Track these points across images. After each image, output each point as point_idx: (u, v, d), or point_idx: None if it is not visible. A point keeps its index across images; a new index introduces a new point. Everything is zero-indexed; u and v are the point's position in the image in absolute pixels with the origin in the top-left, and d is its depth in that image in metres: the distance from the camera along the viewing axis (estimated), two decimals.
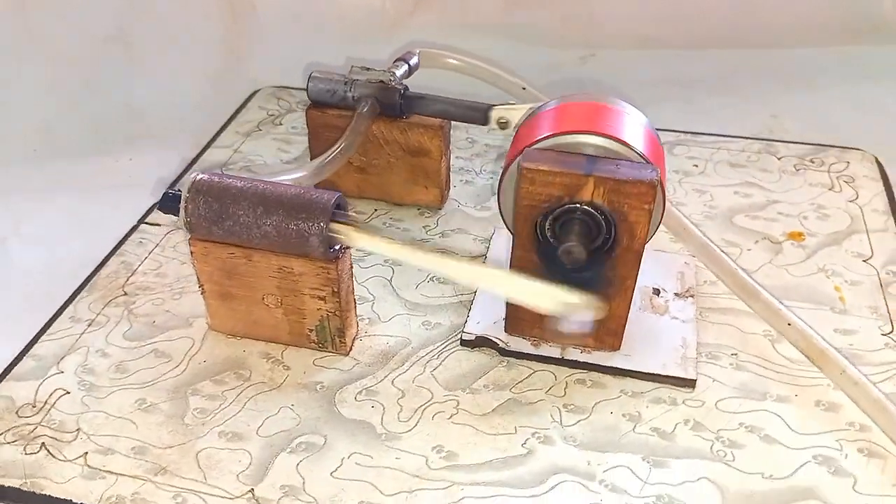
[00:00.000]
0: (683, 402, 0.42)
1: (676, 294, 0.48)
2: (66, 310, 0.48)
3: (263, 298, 0.43)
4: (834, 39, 0.79)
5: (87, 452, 0.39)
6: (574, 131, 0.40)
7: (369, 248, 0.39)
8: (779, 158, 0.61)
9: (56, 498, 0.37)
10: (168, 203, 0.40)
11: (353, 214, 0.40)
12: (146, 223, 0.55)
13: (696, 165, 0.60)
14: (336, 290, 0.41)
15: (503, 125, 0.50)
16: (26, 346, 0.45)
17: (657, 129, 0.43)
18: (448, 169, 0.55)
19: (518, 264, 0.41)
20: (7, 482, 0.38)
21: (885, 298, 0.48)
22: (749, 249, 0.52)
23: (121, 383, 0.43)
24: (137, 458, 0.39)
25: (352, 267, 0.43)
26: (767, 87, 0.71)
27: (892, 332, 0.46)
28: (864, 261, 0.51)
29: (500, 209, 0.43)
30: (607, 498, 0.37)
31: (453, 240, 0.53)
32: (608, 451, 0.40)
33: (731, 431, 0.41)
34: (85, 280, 0.50)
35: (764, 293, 0.45)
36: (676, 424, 0.41)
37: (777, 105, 0.69)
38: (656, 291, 0.48)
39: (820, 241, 0.53)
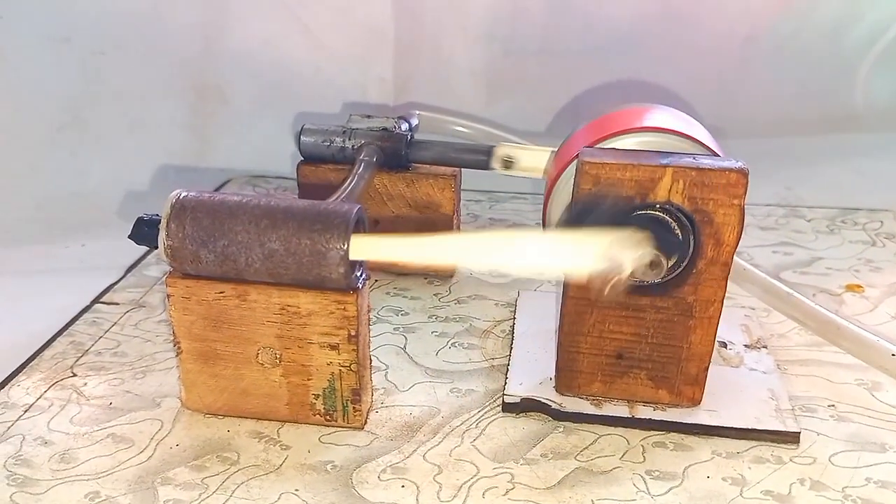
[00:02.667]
0: (790, 459, 0.34)
1: (746, 346, 0.41)
2: None
3: (258, 355, 0.34)
4: (818, 129, 0.78)
5: None
6: (631, 130, 0.34)
7: (406, 255, 0.31)
8: (808, 221, 0.57)
9: None
10: (142, 229, 0.32)
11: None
12: (102, 302, 0.46)
13: None
14: (353, 334, 0.33)
15: (508, 164, 0.44)
16: None
17: None
18: (460, 226, 0.49)
19: (575, 294, 0.34)
20: None
21: None
22: None
23: (66, 475, 0.33)
24: None
25: (370, 309, 0.35)
26: (769, 166, 0.68)
27: None
28: None
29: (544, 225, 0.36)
30: None
31: (471, 307, 0.46)
32: None
33: (860, 488, 0.32)
34: (24, 363, 0.40)
35: (853, 327, 0.38)
36: (791, 485, 0.32)
37: (788, 179, 0.65)
38: (723, 344, 0.41)
39: (883, 291, 0.47)
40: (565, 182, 0.35)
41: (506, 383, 0.38)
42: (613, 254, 0.28)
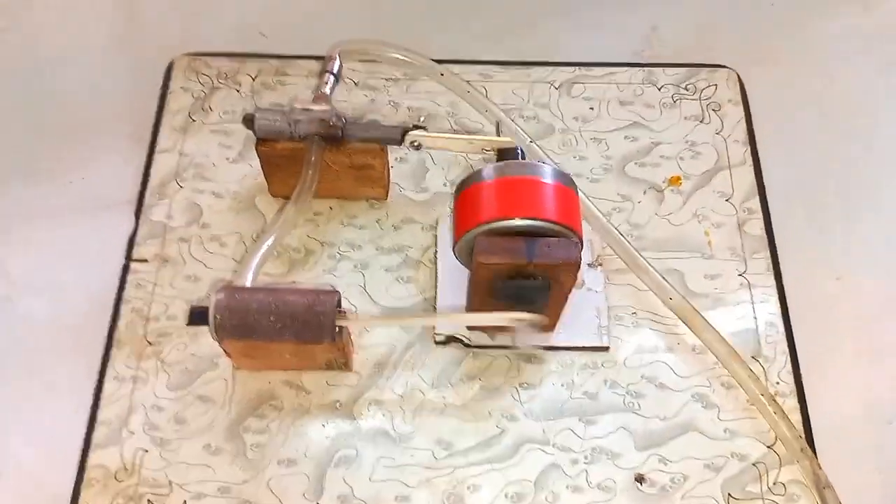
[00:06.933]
0: (602, 364, 0.58)
1: (589, 264, 0.62)
2: (108, 371, 0.57)
3: (281, 356, 0.54)
4: None
5: (185, 500, 0.53)
6: (508, 216, 0.49)
7: (368, 325, 0.52)
8: (659, 89, 0.71)
9: None
10: (196, 319, 0.50)
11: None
12: (134, 260, 0.62)
13: (592, 108, 0.69)
14: (340, 349, 0.53)
15: (416, 147, 0.58)
16: (91, 415, 0.56)
17: (555, 64, 0.70)
18: (389, 172, 0.63)
19: (477, 307, 0.54)
20: None
21: (741, 238, 0.63)
22: (639, 202, 0.65)
23: (184, 433, 0.55)
24: (225, 496, 0.53)
25: (350, 332, 0.54)
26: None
27: (745, 271, 0.62)
28: (727, 200, 0.65)
29: (455, 256, 0.54)
30: (559, 457, 0.55)
31: (404, 231, 0.63)
32: (554, 418, 0.56)
33: (636, 384, 0.58)
34: (108, 334, 0.59)
35: (644, 263, 0.58)
36: (599, 387, 0.58)
37: (655, 15, 0.76)
38: None
39: (694, 183, 0.66)
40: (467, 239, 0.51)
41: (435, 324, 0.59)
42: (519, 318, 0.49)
